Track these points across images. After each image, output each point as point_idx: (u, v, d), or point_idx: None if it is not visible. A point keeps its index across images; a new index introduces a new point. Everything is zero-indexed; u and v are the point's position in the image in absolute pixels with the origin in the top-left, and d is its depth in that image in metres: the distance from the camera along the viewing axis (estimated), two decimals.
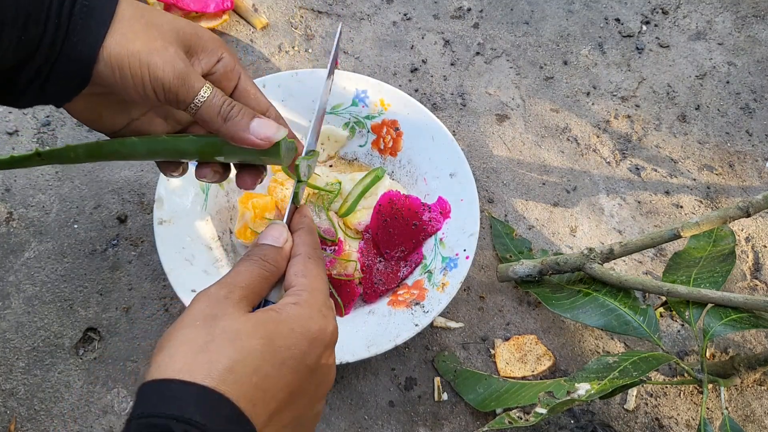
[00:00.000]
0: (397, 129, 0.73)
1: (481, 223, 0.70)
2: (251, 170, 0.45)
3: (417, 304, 0.63)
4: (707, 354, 0.71)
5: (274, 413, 0.33)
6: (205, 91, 0.39)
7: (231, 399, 0.30)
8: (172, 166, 0.45)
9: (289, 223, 0.42)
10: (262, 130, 0.40)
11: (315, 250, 0.40)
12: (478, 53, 0.89)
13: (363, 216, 0.70)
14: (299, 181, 0.44)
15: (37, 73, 0.37)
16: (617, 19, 0.94)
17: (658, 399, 0.68)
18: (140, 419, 0.30)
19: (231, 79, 0.43)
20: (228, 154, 0.42)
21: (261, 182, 0.46)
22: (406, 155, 0.73)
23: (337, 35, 0.50)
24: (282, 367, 0.33)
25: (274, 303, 0.38)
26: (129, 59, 0.37)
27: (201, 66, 0.41)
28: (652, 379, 0.69)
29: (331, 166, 0.76)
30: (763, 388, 0.69)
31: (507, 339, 0.70)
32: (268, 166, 0.48)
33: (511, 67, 0.88)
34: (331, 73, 0.49)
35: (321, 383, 0.37)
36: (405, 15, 0.91)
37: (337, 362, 0.58)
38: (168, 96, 0.39)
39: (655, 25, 0.94)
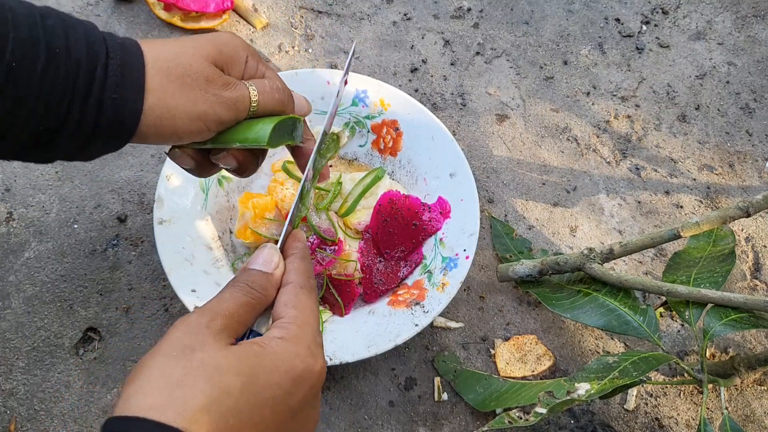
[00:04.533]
0: (397, 129, 0.73)
1: (481, 223, 0.70)
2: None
3: (417, 304, 0.63)
4: (707, 354, 0.71)
5: None
6: (253, 95, 0.43)
7: None
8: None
9: (282, 247, 0.40)
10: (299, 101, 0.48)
11: (308, 280, 0.38)
12: (478, 53, 0.89)
13: (363, 216, 0.70)
14: (300, 195, 0.43)
15: (70, 139, 0.39)
16: (617, 19, 0.94)
17: (658, 399, 0.68)
18: None
19: (256, 77, 0.46)
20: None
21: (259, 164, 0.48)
22: (406, 155, 0.73)
23: (351, 52, 0.53)
24: (263, 408, 0.31)
25: (260, 334, 0.36)
26: (175, 120, 0.40)
27: (234, 76, 0.44)
28: (652, 379, 0.69)
29: (331, 166, 0.76)
30: (763, 388, 0.69)
31: (507, 339, 0.70)
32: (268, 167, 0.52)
33: (511, 67, 0.88)
34: (342, 85, 0.52)
35: (302, 427, 0.35)
36: (405, 15, 0.91)
37: (337, 362, 0.58)
38: (227, 124, 0.42)
39: (655, 25, 0.94)
